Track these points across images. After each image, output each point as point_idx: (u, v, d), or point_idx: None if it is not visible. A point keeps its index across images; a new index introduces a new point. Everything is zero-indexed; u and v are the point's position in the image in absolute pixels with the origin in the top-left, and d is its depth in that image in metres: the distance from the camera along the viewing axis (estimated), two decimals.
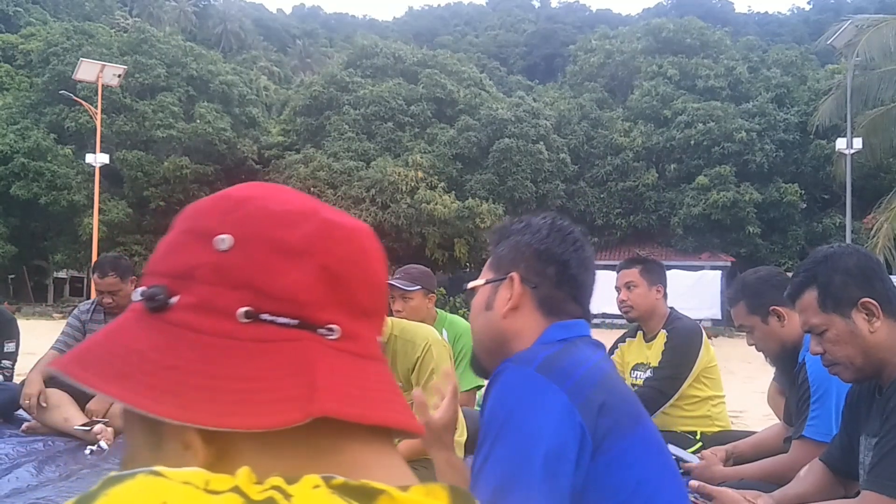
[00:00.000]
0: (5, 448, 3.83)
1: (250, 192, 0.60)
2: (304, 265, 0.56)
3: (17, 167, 26.21)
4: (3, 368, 4.72)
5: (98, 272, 4.53)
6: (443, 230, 25.09)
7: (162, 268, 0.58)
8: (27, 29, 42.75)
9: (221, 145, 27.84)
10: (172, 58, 29.35)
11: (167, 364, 0.53)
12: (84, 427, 4.05)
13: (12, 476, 3.30)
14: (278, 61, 64.14)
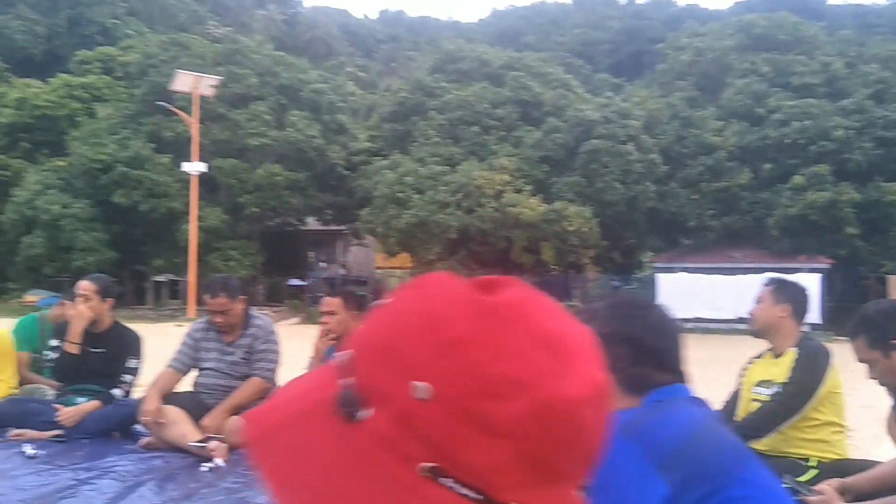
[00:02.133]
0: (126, 465, 4.00)
1: (467, 332, 0.51)
2: (503, 447, 0.50)
3: (118, 176, 27.26)
4: (123, 384, 4.91)
5: (209, 293, 4.69)
6: (529, 233, 24.98)
7: (367, 363, 0.53)
8: (126, 41, 44.47)
9: (312, 152, 28.39)
10: (264, 67, 30.08)
11: (339, 493, 0.51)
12: (199, 443, 4.20)
13: (135, 495, 3.45)
14: (364, 66, 65.00)
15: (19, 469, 3.88)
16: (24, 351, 5.48)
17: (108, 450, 4.35)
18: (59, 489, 3.51)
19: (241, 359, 4.70)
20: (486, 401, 0.50)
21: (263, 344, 4.71)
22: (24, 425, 4.62)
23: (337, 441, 0.51)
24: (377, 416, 0.51)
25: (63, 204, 27.41)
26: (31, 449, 4.20)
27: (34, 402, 4.81)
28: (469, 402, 0.50)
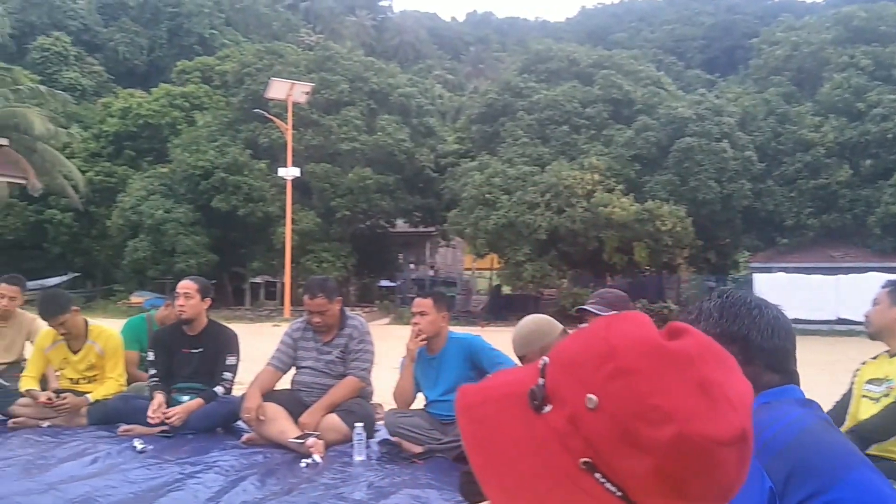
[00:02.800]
0: (229, 460, 4.14)
1: (638, 364, 0.63)
2: (644, 461, 0.60)
3: (217, 182, 28.14)
4: (224, 381, 5.09)
5: (308, 294, 4.81)
6: (621, 234, 24.62)
7: (556, 371, 0.66)
8: (223, 51, 45.88)
9: (401, 155, 28.72)
10: (355, 73, 30.58)
11: (521, 468, 0.63)
12: (298, 440, 4.32)
13: (239, 489, 3.57)
14: (452, 69, 65.33)
15: (129, 463, 4.07)
16: (133, 350, 5.74)
17: (212, 445, 4.52)
18: (167, 482, 3.66)
19: (337, 358, 4.81)
20: (639, 422, 0.60)
21: (358, 344, 4.81)
22: (133, 421, 4.85)
23: (524, 425, 0.64)
24: (556, 414, 0.64)
25: (166, 209, 28.44)
26: (140, 444, 4.40)
27: (142, 399, 5.03)
28: (625, 420, 0.61)
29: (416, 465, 4.11)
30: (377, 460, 4.25)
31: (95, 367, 5.32)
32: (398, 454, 4.31)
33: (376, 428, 4.79)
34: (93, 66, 50.09)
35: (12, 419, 5.00)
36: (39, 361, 5.30)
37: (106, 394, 5.15)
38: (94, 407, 5.08)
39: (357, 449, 4.23)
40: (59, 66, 46.57)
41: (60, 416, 5.05)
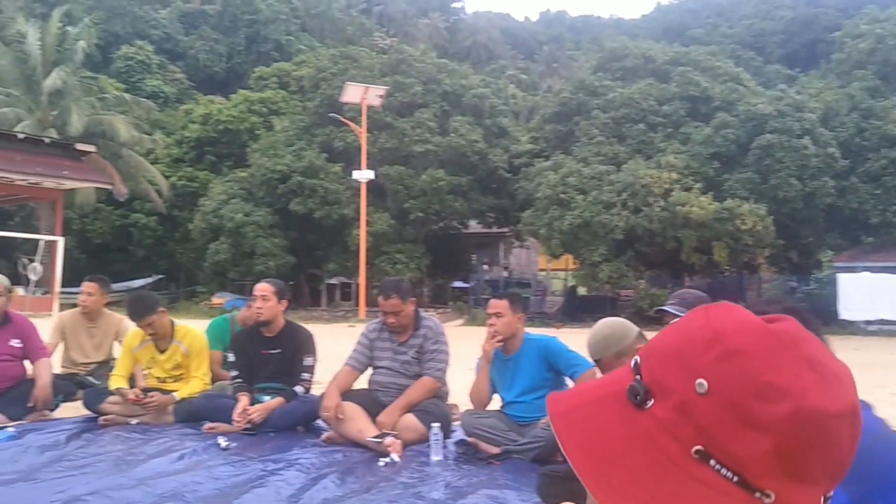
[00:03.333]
0: (310, 457, 4.22)
1: (746, 344, 0.63)
2: (763, 440, 0.60)
3: (295, 185, 28.63)
4: (303, 381, 5.19)
5: (382, 295, 4.87)
6: (700, 233, 24.13)
7: (654, 365, 0.66)
8: (299, 56, 46.70)
9: (474, 156, 28.73)
10: (428, 75, 30.74)
11: (628, 464, 0.63)
12: (376, 439, 4.38)
13: (320, 486, 3.63)
14: (525, 68, 65.14)
15: (214, 459, 4.19)
16: (217, 350, 5.91)
17: (293, 443, 4.62)
18: (251, 479, 3.76)
19: (412, 358, 4.86)
20: (754, 401, 0.60)
21: (433, 344, 4.84)
22: (217, 419, 4.99)
23: (626, 422, 0.64)
24: (660, 406, 0.63)
25: (245, 212, 29.06)
26: (224, 441, 4.53)
27: (226, 397, 5.17)
28: (739, 400, 0.61)
29: (493, 465, 4.12)
30: (454, 460, 4.27)
31: (181, 367, 5.49)
32: (475, 455, 4.33)
33: (452, 428, 4.81)
34: (175, 73, 51.60)
35: (103, 416, 5.19)
36: (128, 361, 5.49)
37: (191, 392, 5.31)
38: (181, 405, 5.25)
39: (434, 449, 4.26)
40: (142, 75, 48.12)
41: (148, 414, 5.22)
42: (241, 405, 4.93)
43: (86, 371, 6.20)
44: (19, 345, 5.41)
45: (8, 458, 4.16)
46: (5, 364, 5.33)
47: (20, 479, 3.72)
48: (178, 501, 3.36)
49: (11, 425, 4.96)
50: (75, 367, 6.25)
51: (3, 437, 4.61)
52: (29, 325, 5.58)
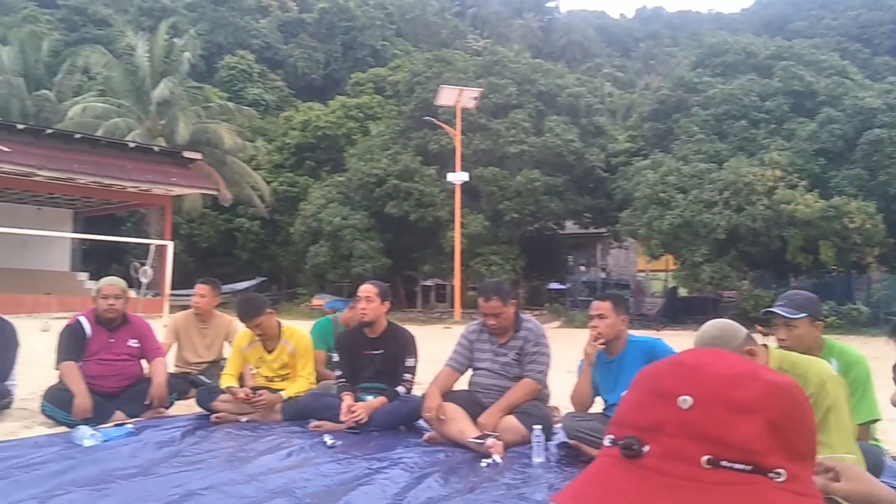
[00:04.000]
0: (413, 457, 4.28)
1: (701, 358, 0.73)
2: (753, 420, 0.67)
3: (390, 188, 28.98)
4: (404, 381, 5.27)
5: (482, 296, 4.89)
6: (805, 232, 23.28)
7: (630, 421, 0.73)
8: (394, 61, 47.31)
9: (570, 156, 28.47)
10: (522, 76, 30.65)
11: (647, 502, 0.66)
12: (478, 440, 4.40)
13: (424, 485, 3.68)
14: (621, 66, 64.24)
15: (321, 457, 4.30)
16: (321, 350, 6.06)
17: (396, 442, 4.69)
18: (357, 477, 3.84)
19: (513, 360, 4.86)
20: (734, 390, 0.69)
21: (534, 346, 4.84)
22: (323, 417, 5.11)
23: (632, 474, 0.69)
24: (656, 443, 0.69)
25: (343, 216, 29.60)
26: (330, 439, 4.64)
27: (331, 396, 5.30)
28: (722, 395, 0.69)
29: None
30: (556, 462, 4.27)
31: (288, 366, 5.65)
32: (577, 457, 4.31)
33: (554, 431, 4.80)
34: (275, 81, 53.03)
35: (215, 414, 5.39)
36: (238, 360, 5.68)
37: (298, 391, 5.46)
38: (288, 403, 5.40)
39: (536, 451, 4.26)
40: (244, 83, 49.62)
41: (257, 412, 5.39)
42: (346, 404, 5.04)
43: (198, 370, 6.45)
44: (137, 345, 5.65)
45: (127, 453, 4.36)
46: (124, 364, 5.58)
47: (139, 474, 3.89)
48: (287, 497, 3.46)
49: (130, 422, 5.20)
50: (188, 367, 6.51)
51: (123, 434, 4.84)
52: (146, 326, 5.83)
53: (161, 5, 55.45)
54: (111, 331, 5.59)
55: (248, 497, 3.44)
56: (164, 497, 3.42)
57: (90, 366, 5.42)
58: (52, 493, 3.48)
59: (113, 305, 5.56)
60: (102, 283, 5.76)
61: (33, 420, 5.39)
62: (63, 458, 4.24)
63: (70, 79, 37.39)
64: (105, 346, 5.53)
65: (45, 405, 5.35)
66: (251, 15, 59.73)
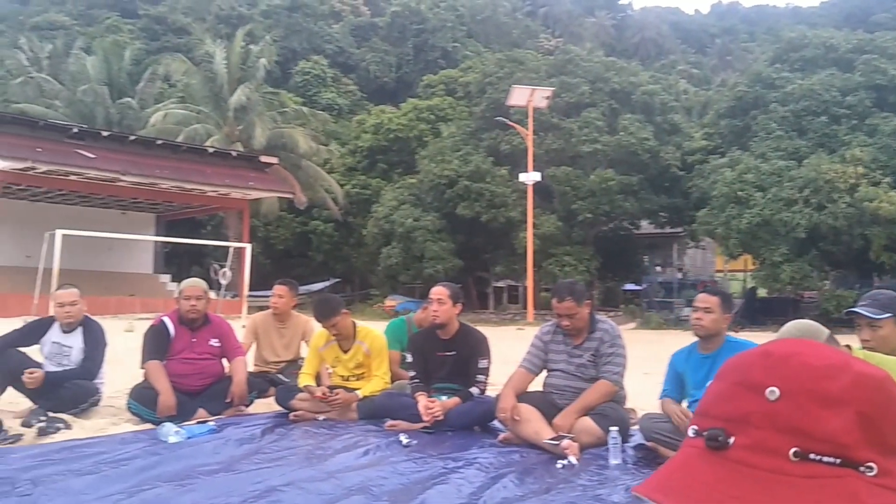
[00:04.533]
0: (488, 457, 4.29)
1: (790, 349, 0.71)
2: (843, 412, 0.66)
3: (461, 189, 29.03)
4: (478, 382, 5.29)
5: (556, 297, 4.87)
6: (889, 230, 22.48)
7: (715, 412, 0.72)
8: (465, 63, 47.38)
9: (645, 155, 28.07)
10: (595, 74, 30.36)
11: (733, 494, 0.66)
12: (553, 441, 4.38)
13: (499, 485, 3.68)
14: (697, 63, 63.12)
15: (397, 456, 4.34)
16: (395, 350, 6.12)
17: (471, 442, 4.71)
18: (433, 476, 3.86)
19: (588, 361, 4.83)
20: (824, 381, 0.67)
21: (610, 348, 4.80)
22: (398, 417, 5.16)
23: (717, 467, 0.68)
24: (742, 435, 0.68)
25: (415, 217, 29.79)
26: (406, 438, 4.68)
27: (406, 396, 5.35)
28: (811, 387, 0.67)
29: None
30: (633, 464, 4.22)
31: (363, 366, 5.73)
32: (654, 459, 4.26)
33: (630, 433, 4.75)
34: (348, 85, 53.72)
35: (293, 413, 5.49)
36: (315, 360, 5.78)
37: (373, 391, 5.53)
38: (363, 402, 5.47)
39: (612, 452, 4.22)
40: (318, 88, 50.41)
41: (334, 411, 5.47)
42: (423, 403, 5.08)
43: (276, 369, 6.59)
44: (218, 344, 5.81)
45: (210, 450, 4.48)
46: (206, 362, 5.74)
47: (222, 470, 3.99)
48: (365, 494, 3.50)
49: (212, 420, 5.34)
50: (267, 366, 6.66)
51: (205, 431, 4.97)
52: (226, 326, 5.99)
53: (238, 13, 56.80)
54: (193, 331, 5.76)
55: (327, 494, 3.49)
56: (245, 493, 3.50)
57: (174, 364, 5.59)
58: (140, 487, 3.60)
59: (195, 306, 5.73)
60: (184, 285, 5.94)
61: (120, 417, 5.58)
62: (149, 454, 4.38)
63: (151, 86, 38.55)
64: (188, 346, 5.70)
65: (130, 403, 5.54)
66: (325, 20, 60.66)
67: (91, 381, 5.71)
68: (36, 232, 22.76)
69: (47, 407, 5.35)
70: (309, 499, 3.42)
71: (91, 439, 4.83)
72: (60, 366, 5.68)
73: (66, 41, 44.48)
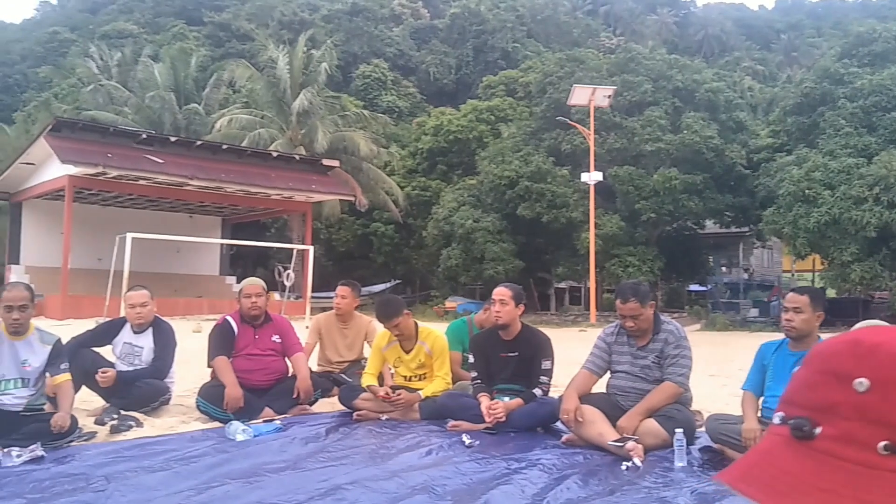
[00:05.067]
0: (551, 458, 4.27)
1: (880, 337, 0.68)
2: None
3: (522, 190, 28.88)
4: (541, 384, 5.27)
5: (620, 298, 4.83)
6: None
7: (802, 400, 0.70)
8: (525, 63, 47.25)
9: (709, 153, 27.57)
10: (658, 72, 29.95)
11: (820, 486, 0.64)
12: (617, 443, 4.35)
13: (563, 486, 3.67)
14: (762, 59, 61.86)
15: (459, 456, 4.36)
16: (456, 351, 6.14)
17: (534, 444, 4.70)
18: (496, 476, 3.87)
19: (652, 363, 4.77)
20: None
21: (675, 349, 4.73)
22: (460, 417, 5.18)
23: (801, 457, 0.66)
24: (829, 426, 0.66)
25: (475, 218, 29.75)
26: (468, 439, 4.69)
27: (468, 396, 5.36)
28: None
29: None
30: (699, 467, 4.16)
31: (425, 366, 5.76)
32: (721, 461, 4.19)
33: (697, 435, 4.69)
34: (408, 88, 54.02)
35: (356, 412, 5.55)
36: (377, 360, 5.83)
37: (435, 391, 5.55)
38: (426, 403, 5.51)
39: (678, 455, 4.17)
40: (378, 91, 50.80)
41: (396, 411, 5.52)
42: (485, 404, 5.09)
43: (340, 369, 6.68)
44: (279, 341, 5.94)
45: (276, 448, 4.57)
46: (269, 359, 5.87)
47: (288, 468, 4.07)
48: (428, 494, 3.52)
49: (278, 418, 5.43)
50: (330, 366, 6.74)
51: (271, 430, 5.07)
52: (286, 323, 6.11)
53: (300, 18, 57.62)
54: (256, 328, 5.89)
55: (391, 493, 3.53)
56: (311, 490, 3.55)
57: (239, 361, 5.72)
58: (209, 484, 3.68)
59: (255, 303, 5.87)
60: (244, 284, 6.08)
61: (189, 416, 5.71)
62: (217, 451, 4.48)
63: (216, 92, 39.32)
64: (251, 342, 5.84)
65: (199, 401, 5.67)
66: (385, 24, 61.11)
67: (161, 380, 5.87)
68: (107, 235, 23.43)
69: (119, 405, 5.51)
70: (373, 497, 3.45)
71: (161, 437, 4.97)
72: (132, 365, 5.84)
73: (135, 49, 45.70)
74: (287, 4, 62.24)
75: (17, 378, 4.72)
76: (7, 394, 4.69)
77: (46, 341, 4.82)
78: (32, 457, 4.21)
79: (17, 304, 4.61)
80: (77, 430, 4.80)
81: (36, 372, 4.77)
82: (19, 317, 4.63)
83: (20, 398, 4.72)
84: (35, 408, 4.80)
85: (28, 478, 3.83)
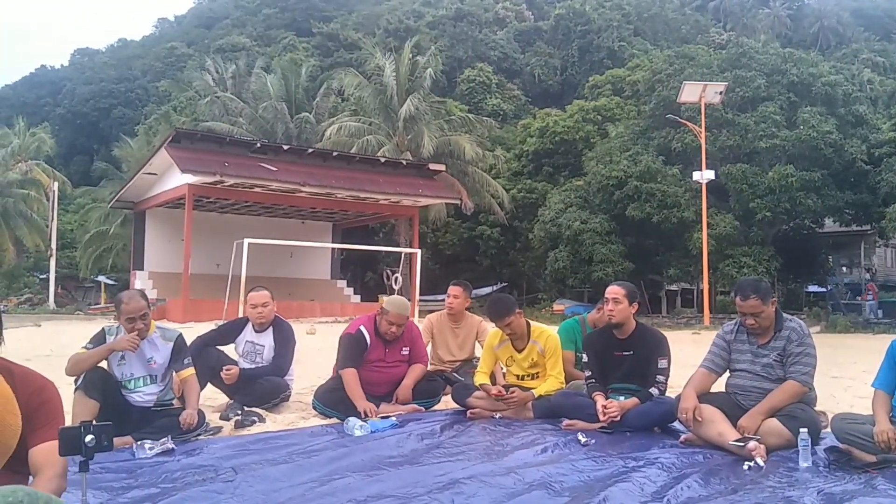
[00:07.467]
0: (670, 457, 4.21)
1: None
2: None
3: (631, 190, 28.43)
4: (658, 383, 5.19)
5: (740, 295, 4.71)
6: None
7: None
8: (632, 61, 46.54)
9: (827, 149, 26.45)
10: (771, 67, 28.96)
11: None
12: (738, 443, 4.25)
13: (683, 485, 3.61)
14: (882, 50, 58.93)
15: (575, 454, 4.34)
16: (569, 350, 6.12)
17: (651, 443, 4.63)
18: (613, 474, 3.84)
19: (774, 361, 4.63)
20: None
21: (798, 347, 4.58)
22: (574, 416, 5.16)
23: None
24: None
25: (582, 220, 29.45)
26: (584, 437, 4.67)
27: (582, 395, 5.33)
28: None
29: (870, 474, 3.81)
30: (825, 467, 4.02)
31: (537, 365, 5.75)
32: (848, 462, 4.03)
33: (822, 435, 4.53)
34: (512, 91, 54.02)
35: (470, 410, 5.60)
36: (489, 358, 5.86)
37: (548, 390, 5.54)
38: (539, 401, 5.50)
39: (802, 455, 4.04)
40: (483, 95, 50.98)
41: (510, 409, 5.53)
42: (600, 403, 5.05)
43: (452, 368, 6.75)
44: (407, 352, 6.05)
45: (394, 443, 4.66)
46: (396, 370, 6.01)
47: (406, 463, 4.15)
48: (546, 490, 3.53)
49: (394, 415, 5.54)
50: (442, 365, 6.83)
51: (388, 426, 5.17)
52: (416, 332, 6.20)
53: (405, 25, 58.40)
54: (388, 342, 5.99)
55: (508, 488, 3.55)
56: (429, 484, 3.61)
57: (367, 373, 5.83)
58: (330, 477, 3.80)
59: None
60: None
61: (308, 412, 5.89)
62: (337, 446, 4.61)
63: (326, 101, 40.31)
64: (382, 357, 5.95)
65: (315, 403, 5.85)
66: (489, 28, 61.29)
67: (282, 377, 6.06)
68: (224, 242, 24.35)
69: (243, 401, 5.73)
70: (491, 492, 3.48)
71: (283, 432, 5.15)
72: (254, 363, 6.07)
73: (248, 61, 47.40)
74: (392, 13, 63.26)
75: (146, 375, 4.97)
76: (137, 391, 4.95)
77: (168, 338, 5.04)
78: (164, 449, 4.44)
79: (139, 315, 4.82)
80: (204, 425, 5.02)
81: (161, 368, 5.00)
82: (143, 326, 4.85)
83: (150, 394, 4.97)
84: (165, 403, 5.04)
85: (160, 469, 4.04)
